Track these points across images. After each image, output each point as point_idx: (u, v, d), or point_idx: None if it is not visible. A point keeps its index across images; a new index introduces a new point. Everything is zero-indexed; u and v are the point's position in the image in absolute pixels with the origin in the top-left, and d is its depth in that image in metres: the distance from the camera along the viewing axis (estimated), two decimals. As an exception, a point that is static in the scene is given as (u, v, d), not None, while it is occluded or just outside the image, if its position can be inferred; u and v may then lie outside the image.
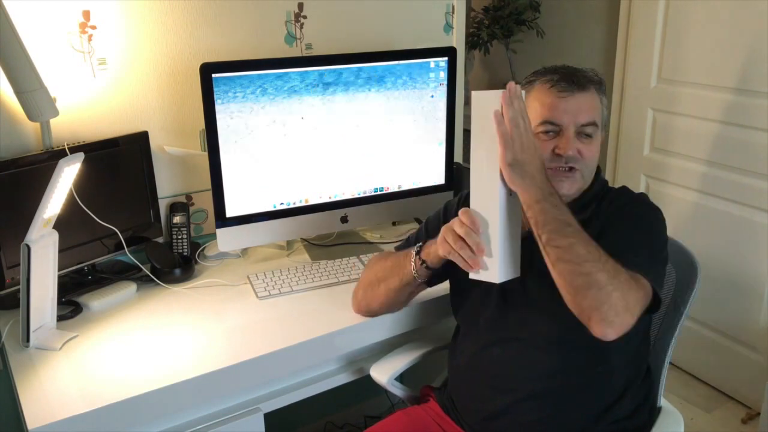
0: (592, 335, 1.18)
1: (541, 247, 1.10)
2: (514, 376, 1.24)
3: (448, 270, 1.38)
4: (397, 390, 1.47)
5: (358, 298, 1.42)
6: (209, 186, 1.53)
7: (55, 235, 1.31)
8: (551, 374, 1.21)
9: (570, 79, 1.21)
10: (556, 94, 1.21)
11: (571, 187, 1.23)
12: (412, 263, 1.28)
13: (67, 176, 1.28)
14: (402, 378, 1.53)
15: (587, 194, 1.27)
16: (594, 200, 1.27)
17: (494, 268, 1.12)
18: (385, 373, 1.42)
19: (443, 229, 1.19)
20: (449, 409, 1.37)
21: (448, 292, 1.41)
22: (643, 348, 1.29)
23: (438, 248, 1.20)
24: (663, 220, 1.23)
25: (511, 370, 1.25)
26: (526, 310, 1.23)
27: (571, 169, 1.22)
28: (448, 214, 1.40)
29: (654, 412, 1.29)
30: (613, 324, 1.04)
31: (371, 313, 1.41)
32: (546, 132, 1.22)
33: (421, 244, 1.30)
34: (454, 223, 1.16)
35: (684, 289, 1.32)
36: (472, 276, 1.16)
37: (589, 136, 1.22)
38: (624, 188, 1.32)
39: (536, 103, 1.23)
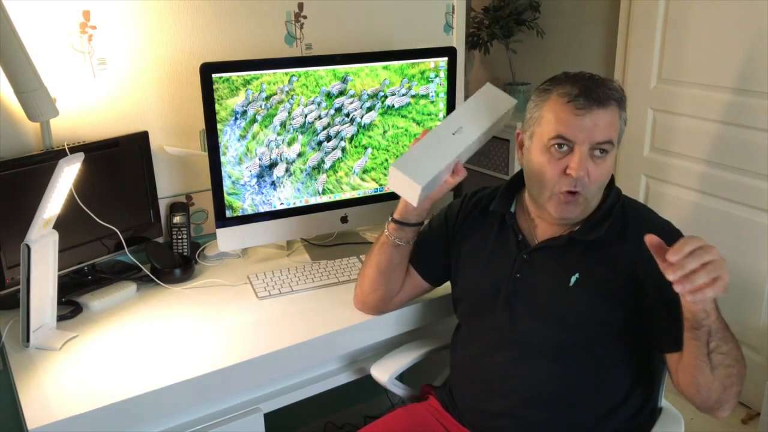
0: (595, 343, 1.18)
1: (702, 355, 1.05)
2: (516, 380, 1.24)
3: (450, 270, 1.39)
4: (398, 389, 1.47)
5: (357, 291, 1.43)
6: (209, 186, 1.53)
7: (55, 235, 1.31)
8: (553, 379, 1.20)
9: (589, 94, 1.13)
10: (572, 110, 1.13)
11: (573, 211, 1.18)
12: (386, 230, 1.32)
13: (67, 176, 1.28)
14: (402, 377, 1.53)
15: (600, 210, 1.22)
16: (608, 216, 1.21)
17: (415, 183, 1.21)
18: (385, 372, 1.42)
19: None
20: (449, 406, 1.37)
21: (448, 291, 1.41)
22: (645, 354, 1.28)
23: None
24: None
25: (513, 374, 1.24)
26: (530, 316, 1.23)
27: (575, 193, 1.16)
28: (450, 215, 1.40)
29: (655, 413, 1.29)
30: (731, 409, 1.12)
31: (369, 305, 1.40)
32: (559, 147, 1.15)
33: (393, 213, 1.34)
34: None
35: (684, 289, 1.31)
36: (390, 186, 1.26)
37: (604, 153, 1.15)
38: (646, 210, 1.25)
39: (551, 116, 1.16)
